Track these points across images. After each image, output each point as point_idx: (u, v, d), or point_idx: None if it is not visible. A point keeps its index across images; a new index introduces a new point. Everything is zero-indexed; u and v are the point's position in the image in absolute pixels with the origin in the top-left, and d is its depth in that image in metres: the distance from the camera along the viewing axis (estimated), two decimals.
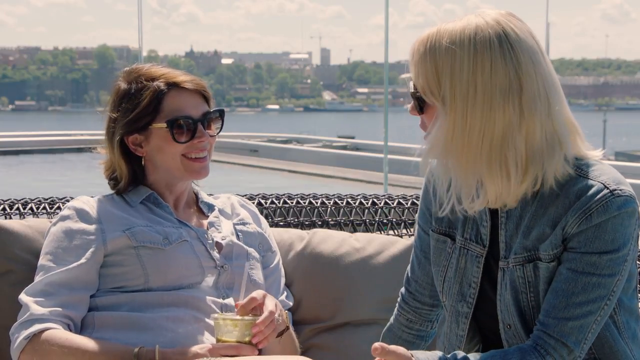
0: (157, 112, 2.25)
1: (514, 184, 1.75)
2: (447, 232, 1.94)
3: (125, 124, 2.26)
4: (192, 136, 2.25)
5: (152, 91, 2.25)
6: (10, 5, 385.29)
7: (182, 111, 2.26)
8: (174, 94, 2.26)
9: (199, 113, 2.28)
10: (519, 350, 1.76)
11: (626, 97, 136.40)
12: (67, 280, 2.15)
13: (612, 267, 1.74)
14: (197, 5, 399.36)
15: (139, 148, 2.28)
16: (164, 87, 2.26)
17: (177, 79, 2.28)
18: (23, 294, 2.16)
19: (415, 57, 1.78)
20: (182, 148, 2.25)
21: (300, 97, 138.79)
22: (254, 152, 24.91)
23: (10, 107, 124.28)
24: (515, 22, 1.77)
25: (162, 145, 2.26)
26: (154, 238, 2.21)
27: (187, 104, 2.27)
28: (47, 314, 2.11)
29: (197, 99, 2.30)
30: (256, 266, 2.33)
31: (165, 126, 2.24)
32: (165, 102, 2.25)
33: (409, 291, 2.10)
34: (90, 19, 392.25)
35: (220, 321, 2.01)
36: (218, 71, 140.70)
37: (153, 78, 2.27)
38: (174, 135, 2.24)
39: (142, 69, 2.31)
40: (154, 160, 2.29)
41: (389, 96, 11.64)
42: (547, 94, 1.75)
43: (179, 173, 2.28)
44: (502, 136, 1.72)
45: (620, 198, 1.73)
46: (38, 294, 2.14)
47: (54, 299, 2.14)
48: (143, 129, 2.26)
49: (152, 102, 2.24)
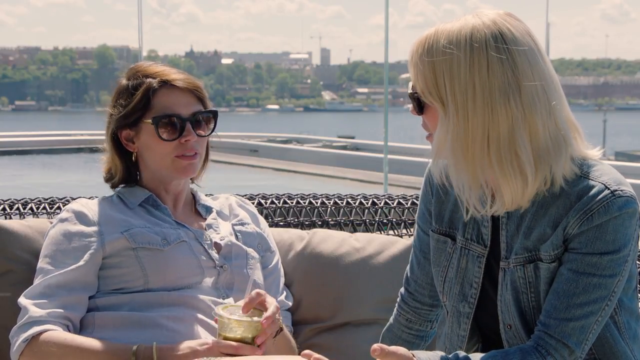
0: (147, 109, 2.26)
1: (530, 183, 1.74)
2: (448, 232, 1.94)
3: (118, 119, 2.27)
4: (180, 135, 2.25)
5: (145, 87, 2.26)
6: (10, 5, 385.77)
7: (171, 109, 2.25)
8: (164, 92, 2.27)
9: (189, 112, 2.27)
10: (519, 351, 1.76)
11: (626, 97, 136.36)
12: (65, 282, 2.15)
13: (613, 267, 1.74)
14: (197, 5, 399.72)
15: (130, 143, 2.29)
16: (156, 84, 2.26)
17: (170, 76, 2.28)
18: (22, 297, 2.17)
19: (414, 58, 1.79)
20: (172, 148, 2.25)
21: (300, 97, 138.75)
22: (254, 152, 24.91)
23: (10, 107, 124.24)
24: (513, 22, 1.76)
25: (150, 143, 2.26)
26: (152, 239, 2.21)
27: (177, 103, 2.27)
28: (45, 316, 2.11)
29: (188, 98, 2.29)
30: (255, 266, 2.33)
31: (151, 123, 2.25)
32: (155, 99, 2.26)
33: (409, 291, 2.09)
34: (90, 19, 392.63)
35: (224, 320, 1.99)
36: (218, 71, 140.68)
37: (149, 75, 2.28)
38: (158, 132, 2.24)
39: (142, 66, 2.32)
40: (144, 157, 2.30)
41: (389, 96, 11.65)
42: (547, 94, 1.74)
43: (167, 171, 2.28)
44: (509, 135, 1.72)
45: (621, 199, 1.73)
46: (37, 297, 2.14)
47: (52, 300, 2.14)
48: (134, 124, 2.27)
49: (143, 98, 2.25)
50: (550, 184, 1.75)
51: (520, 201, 1.77)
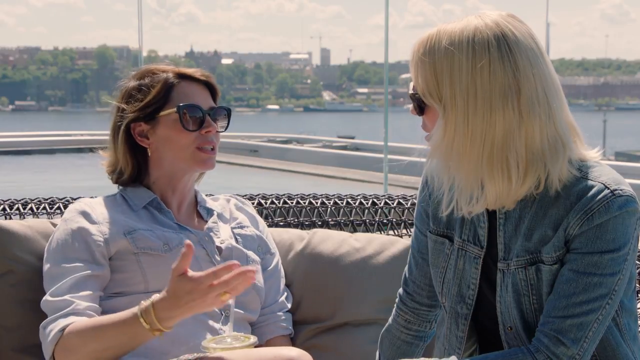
0: (166, 102, 2.26)
1: (515, 186, 1.74)
2: (445, 233, 1.94)
3: (134, 112, 2.26)
4: (201, 126, 2.26)
5: (163, 80, 2.28)
6: (10, 5, 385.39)
7: (192, 99, 2.27)
8: (184, 85, 2.29)
9: (208, 105, 2.30)
10: (513, 350, 1.76)
11: (626, 97, 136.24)
12: (85, 278, 2.13)
13: (613, 266, 1.73)
14: (196, 5, 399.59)
15: (144, 139, 2.28)
16: (173, 78, 2.29)
17: (187, 71, 2.32)
18: (48, 296, 2.12)
19: (415, 59, 1.78)
20: (192, 139, 2.25)
21: (300, 97, 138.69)
22: (254, 152, 24.89)
23: (10, 107, 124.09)
24: (515, 23, 1.76)
25: (171, 135, 2.25)
26: (154, 244, 2.20)
27: (197, 95, 2.29)
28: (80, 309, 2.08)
29: (206, 92, 2.33)
30: (256, 269, 2.32)
31: (174, 111, 2.24)
32: (175, 91, 2.27)
33: (407, 292, 2.09)
34: (89, 19, 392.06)
35: (210, 350, 1.95)
36: (218, 71, 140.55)
37: (163, 71, 2.30)
38: (182, 121, 2.24)
39: (152, 65, 2.34)
40: (160, 152, 2.28)
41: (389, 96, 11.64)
42: (547, 97, 1.74)
43: (186, 163, 2.27)
44: (503, 139, 1.72)
45: (621, 198, 1.73)
46: (64, 292, 2.10)
47: (85, 296, 2.11)
48: (150, 119, 2.26)
49: (162, 90, 2.26)
50: (543, 187, 1.76)
51: (505, 201, 1.78)
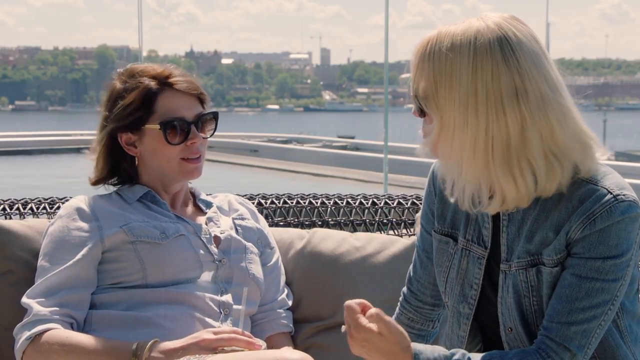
0: (150, 113, 2.25)
1: (540, 187, 1.72)
2: (450, 233, 1.94)
3: (116, 119, 2.25)
4: (185, 138, 2.26)
5: (145, 90, 2.25)
6: (10, 5, 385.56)
7: (176, 113, 2.26)
8: (167, 95, 2.27)
9: (192, 115, 2.28)
10: (521, 352, 1.76)
11: (626, 97, 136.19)
12: (67, 279, 2.16)
13: (615, 272, 1.73)
14: (196, 5, 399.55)
15: (132, 148, 2.29)
16: (156, 86, 2.26)
17: (171, 79, 2.28)
18: (25, 296, 2.17)
19: (415, 61, 1.77)
20: (178, 151, 2.26)
21: (300, 97, 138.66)
22: (254, 152, 24.89)
23: (10, 107, 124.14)
24: (518, 25, 1.74)
25: (156, 147, 2.26)
26: (151, 233, 2.21)
27: (181, 106, 2.27)
28: (48, 314, 2.12)
29: (191, 100, 2.30)
30: (255, 260, 2.33)
31: (158, 128, 2.24)
32: (158, 102, 2.26)
33: (411, 290, 2.09)
34: (89, 19, 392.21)
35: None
36: (218, 71, 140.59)
37: (147, 76, 2.27)
38: (166, 137, 2.24)
39: (137, 68, 2.31)
40: (147, 161, 2.30)
41: (389, 96, 11.63)
42: (555, 96, 1.72)
43: (172, 174, 2.29)
44: (520, 139, 1.70)
45: (624, 203, 1.72)
46: (39, 295, 2.15)
47: (55, 299, 2.14)
48: (136, 129, 2.26)
49: (143, 99, 2.24)
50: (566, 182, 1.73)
51: (521, 202, 1.76)
